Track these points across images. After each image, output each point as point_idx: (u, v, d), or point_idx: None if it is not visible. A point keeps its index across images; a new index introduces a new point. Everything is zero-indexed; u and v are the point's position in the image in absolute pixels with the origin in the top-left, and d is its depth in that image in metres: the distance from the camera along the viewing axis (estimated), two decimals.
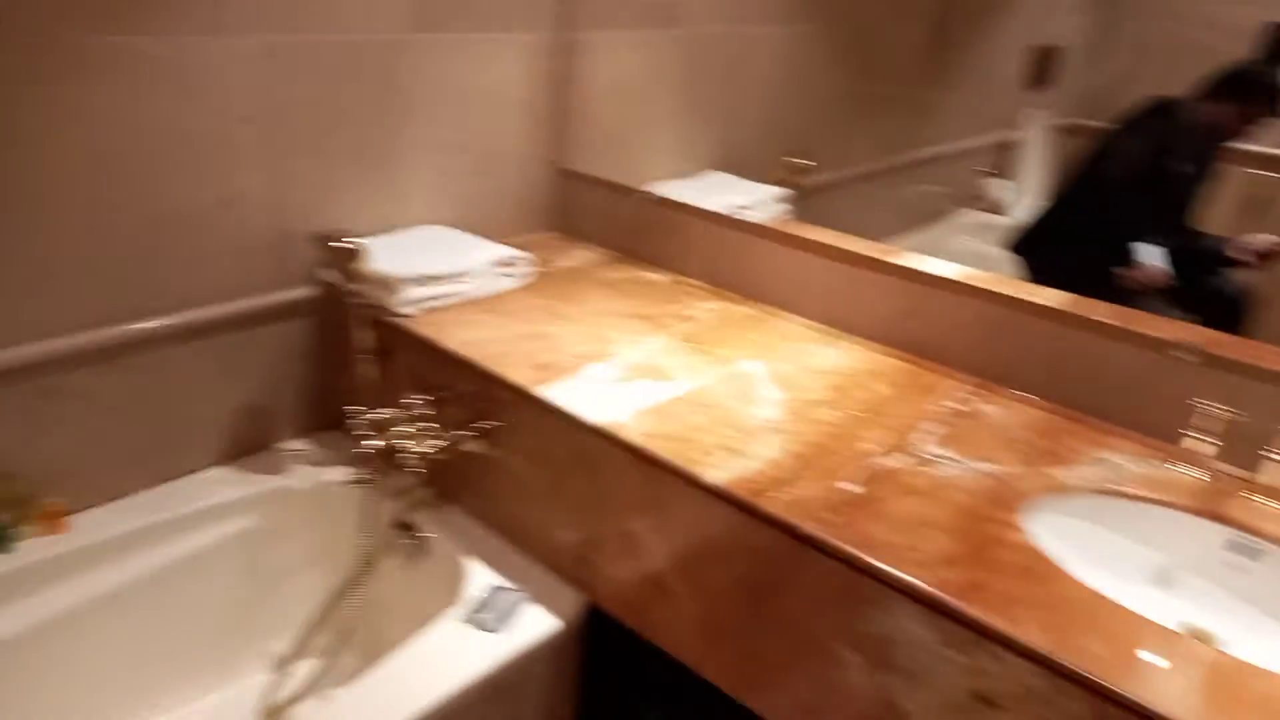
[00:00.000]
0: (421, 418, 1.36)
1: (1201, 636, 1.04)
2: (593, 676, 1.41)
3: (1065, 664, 0.83)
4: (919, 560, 0.95)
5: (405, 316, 1.45)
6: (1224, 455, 1.14)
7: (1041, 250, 1.61)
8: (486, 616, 1.24)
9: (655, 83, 1.86)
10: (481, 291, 1.55)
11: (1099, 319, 1.27)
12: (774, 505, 1.03)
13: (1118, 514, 1.12)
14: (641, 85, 1.86)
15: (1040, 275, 1.50)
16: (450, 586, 1.32)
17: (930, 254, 1.48)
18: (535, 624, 1.25)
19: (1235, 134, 1.42)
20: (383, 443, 1.35)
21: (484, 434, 1.36)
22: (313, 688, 1.41)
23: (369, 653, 1.19)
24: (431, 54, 1.59)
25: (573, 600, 1.30)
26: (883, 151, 1.87)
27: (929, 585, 0.91)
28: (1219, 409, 1.13)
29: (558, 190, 1.91)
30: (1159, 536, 1.11)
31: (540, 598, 1.29)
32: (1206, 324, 1.34)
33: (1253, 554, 1.06)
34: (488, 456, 1.37)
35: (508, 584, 1.31)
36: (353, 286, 1.43)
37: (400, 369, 1.47)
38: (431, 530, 1.42)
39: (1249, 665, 0.86)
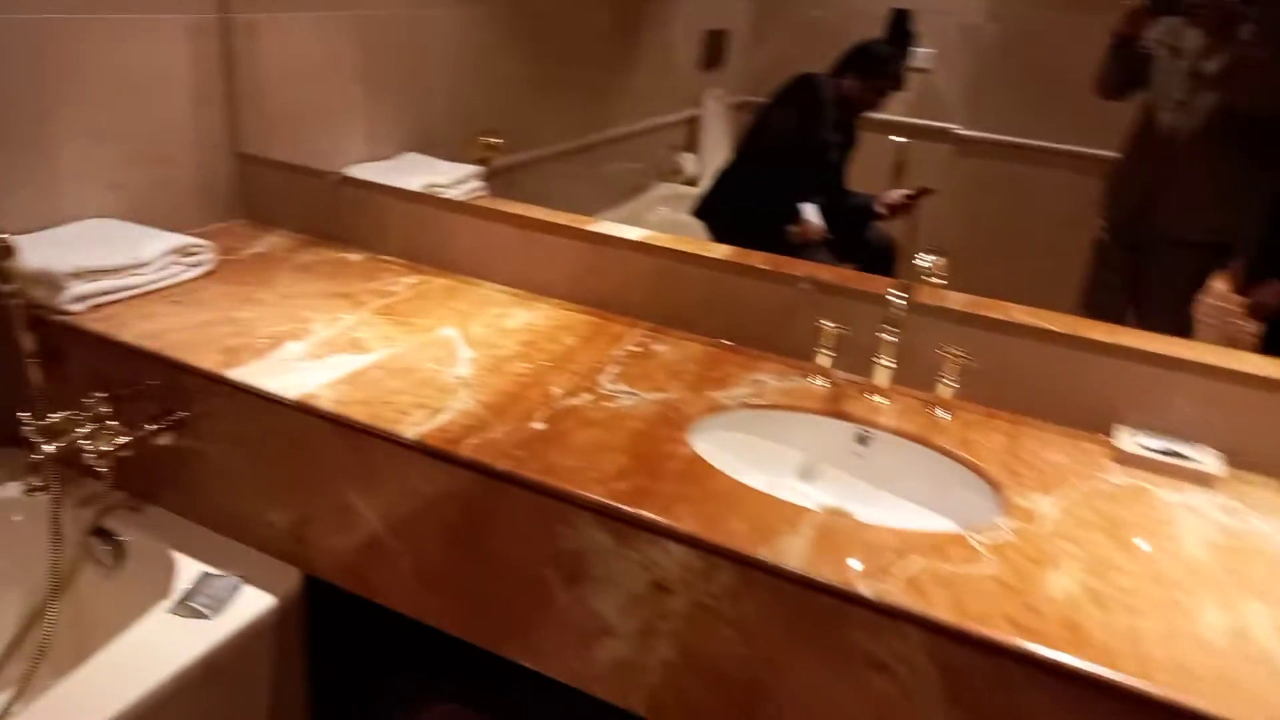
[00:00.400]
0: (103, 417, 1.30)
1: (836, 513, 1.26)
2: (327, 647, 1.43)
3: (712, 542, 0.99)
4: (596, 478, 1.07)
5: (72, 314, 1.37)
6: (845, 365, 1.38)
7: (719, 214, 1.81)
8: (197, 604, 1.23)
9: (337, 65, 1.86)
10: (160, 283, 1.49)
11: (749, 264, 1.47)
12: (468, 450, 1.12)
13: (766, 423, 1.31)
14: (323, 68, 1.86)
15: (721, 236, 1.68)
16: (158, 585, 1.28)
17: (631, 225, 1.61)
18: (250, 604, 1.25)
19: (868, 105, 1.66)
20: (59, 448, 1.27)
21: (175, 426, 1.32)
22: (7, 714, 1.31)
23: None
24: (82, 36, 1.50)
25: (291, 576, 1.31)
26: (579, 130, 1.99)
27: (603, 497, 1.04)
28: (838, 328, 1.35)
29: (242, 177, 1.86)
30: (799, 438, 1.32)
31: (255, 579, 1.29)
32: (863, 269, 1.54)
33: (869, 441, 1.29)
34: (184, 449, 1.34)
35: (218, 571, 1.30)
36: (6, 287, 1.33)
37: (77, 370, 1.39)
38: (130, 533, 1.36)
39: (858, 523, 1.06)
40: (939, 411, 1.31)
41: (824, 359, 1.37)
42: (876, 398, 1.33)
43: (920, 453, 1.25)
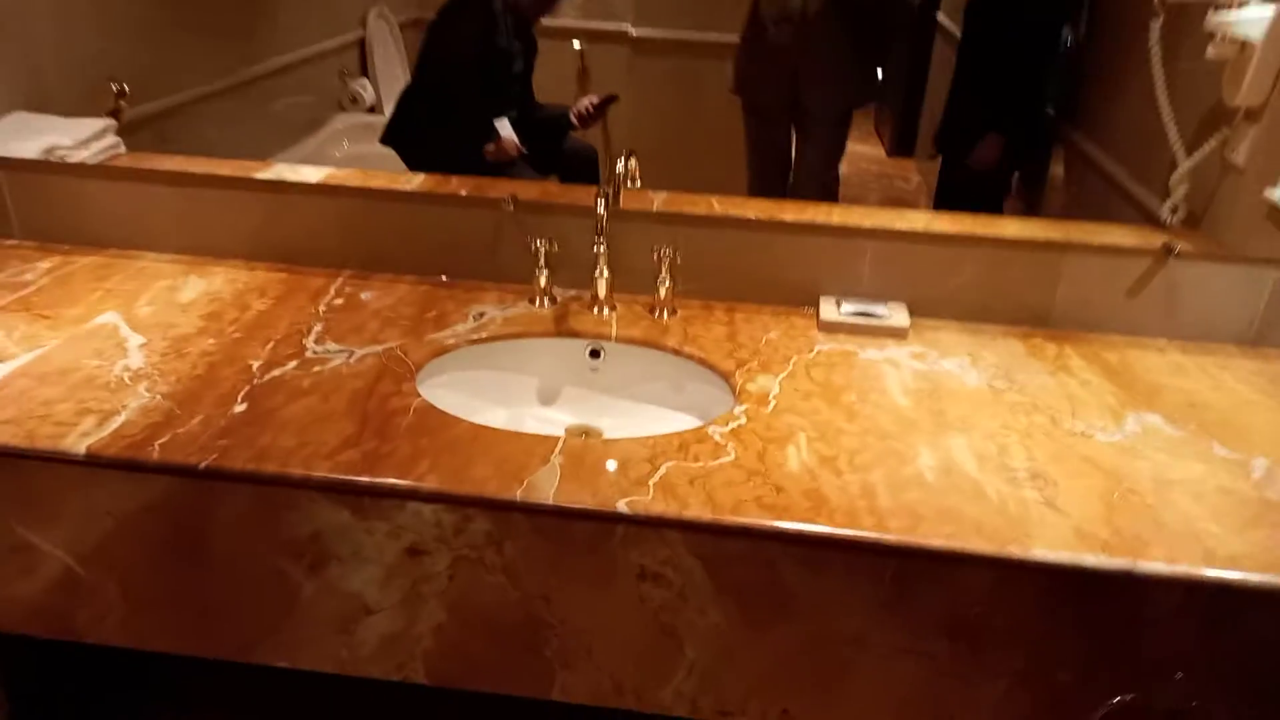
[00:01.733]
0: None
1: (587, 431, 1.25)
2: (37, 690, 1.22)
3: (461, 494, 0.93)
4: (320, 453, 0.97)
5: None
6: (565, 281, 1.35)
7: (409, 140, 1.67)
8: None
9: None
10: None
11: (445, 191, 1.38)
12: (158, 452, 0.96)
13: (496, 355, 1.26)
14: None
15: (416, 163, 1.56)
16: None
17: (314, 163, 1.46)
18: None
19: (542, 10, 1.58)
20: None
21: None
22: None
23: None
24: None
25: None
26: (231, 65, 1.74)
27: (331, 472, 0.94)
28: (550, 245, 1.31)
29: None
30: (532, 364, 1.28)
31: None
32: (566, 180, 1.51)
33: (602, 354, 1.28)
34: None
35: None
36: None
37: None
38: None
39: (605, 440, 1.05)
40: (661, 313, 1.32)
41: (543, 279, 1.32)
42: (601, 310, 1.32)
43: (652, 356, 1.26)
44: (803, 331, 1.29)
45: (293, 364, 1.14)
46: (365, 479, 0.94)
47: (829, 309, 1.31)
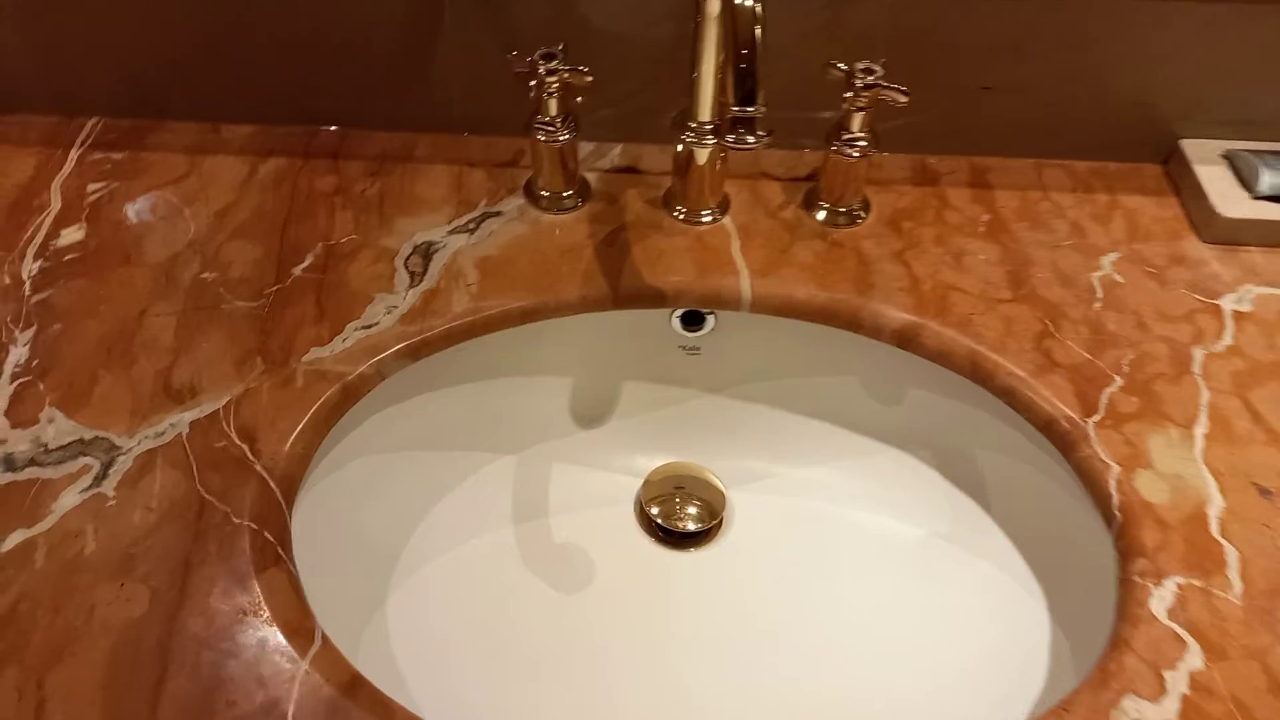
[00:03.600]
0: None
1: (682, 484, 0.58)
2: None
3: None
4: None
5: None
6: (610, 130, 0.59)
7: None
8: None
9: None
10: None
11: None
12: None
13: (476, 358, 0.54)
14: None
15: None
16: None
17: None
18: None
19: None
20: None
21: None
22: None
23: None
24: None
25: None
26: None
27: None
28: (569, 71, 0.53)
29: None
30: (557, 357, 0.56)
31: None
32: None
33: (708, 328, 0.56)
34: None
35: None
36: None
37: None
38: None
39: None
40: (835, 211, 0.57)
41: (559, 135, 0.55)
42: (697, 212, 0.57)
43: (833, 338, 0.54)
44: (1165, 242, 0.56)
45: None
46: None
47: (1218, 178, 0.57)
